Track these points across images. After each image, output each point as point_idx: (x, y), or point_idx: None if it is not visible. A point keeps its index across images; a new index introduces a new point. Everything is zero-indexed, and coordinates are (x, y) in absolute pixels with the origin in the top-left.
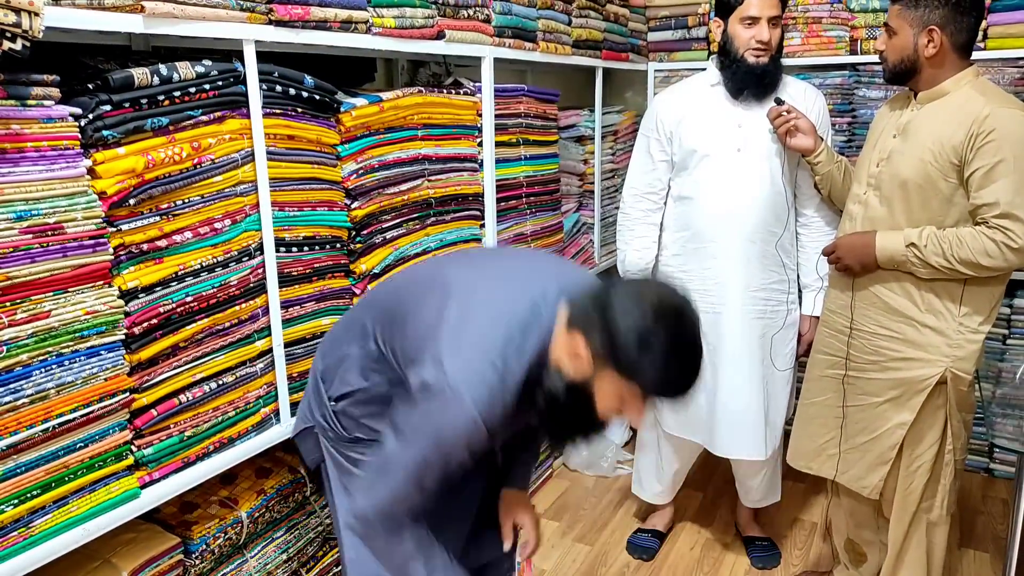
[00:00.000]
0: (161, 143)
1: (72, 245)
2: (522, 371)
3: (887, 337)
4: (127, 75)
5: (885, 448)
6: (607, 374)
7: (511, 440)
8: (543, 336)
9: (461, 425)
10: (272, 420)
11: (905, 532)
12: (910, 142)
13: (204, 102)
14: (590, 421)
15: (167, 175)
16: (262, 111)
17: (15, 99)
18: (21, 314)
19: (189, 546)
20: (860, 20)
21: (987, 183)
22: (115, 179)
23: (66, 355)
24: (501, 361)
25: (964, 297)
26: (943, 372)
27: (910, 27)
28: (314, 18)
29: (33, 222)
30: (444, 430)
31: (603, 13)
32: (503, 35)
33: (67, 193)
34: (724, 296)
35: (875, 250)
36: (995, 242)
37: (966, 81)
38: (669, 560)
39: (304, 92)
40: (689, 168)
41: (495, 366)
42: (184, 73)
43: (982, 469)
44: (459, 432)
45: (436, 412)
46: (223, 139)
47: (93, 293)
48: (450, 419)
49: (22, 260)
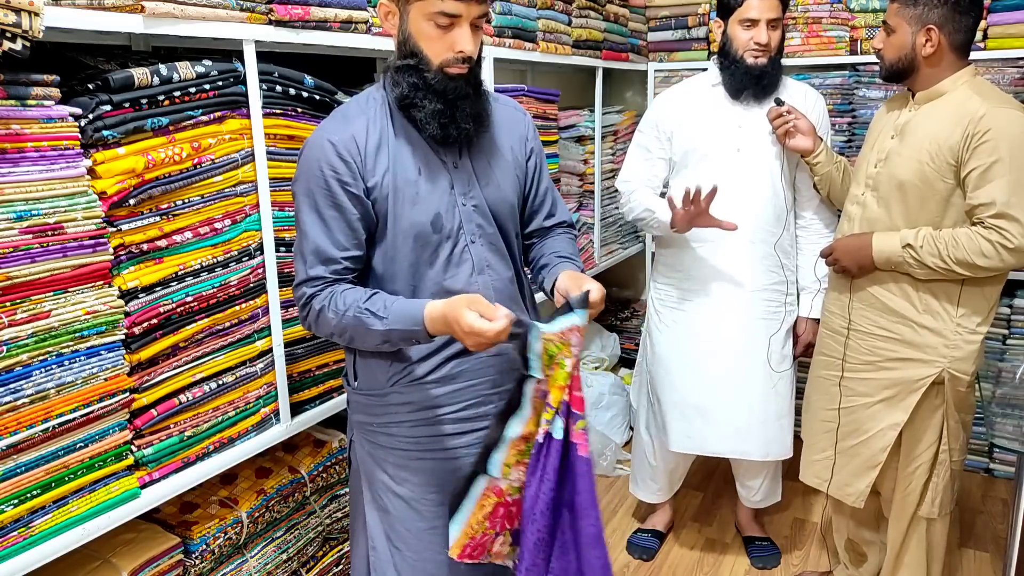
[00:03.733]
0: (161, 143)
1: (72, 245)
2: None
3: (884, 338)
4: (127, 75)
5: (875, 450)
6: (408, 9)
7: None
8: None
9: (308, 146)
10: (272, 420)
11: (904, 532)
12: (907, 143)
13: (204, 102)
14: (435, 74)
15: (167, 175)
16: (262, 111)
17: (15, 99)
18: (21, 314)
19: (189, 546)
20: (860, 20)
21: (983, 183)
22: (115, 179)
23: (66, 355)
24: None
25: (962, 298)
26: (940, 372)
27: (908, 25)
28: (314, 18)
29: (33, 222)
30: (300, 162)
31: (603, 13)
32: (503, 35)
33: (67, 193)
34: (723, 297)
35: (872, 251)
36: (991, 242)
37: (963, 81)
38: (669, 560)
39: (304, 92)
40: (688, 168)
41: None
42: (184, 73)
43: (982, 469)
44: (309, 156)
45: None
46: (223, 139)
47: (93, 293)
48: (304, 150)
49: (22, 260)
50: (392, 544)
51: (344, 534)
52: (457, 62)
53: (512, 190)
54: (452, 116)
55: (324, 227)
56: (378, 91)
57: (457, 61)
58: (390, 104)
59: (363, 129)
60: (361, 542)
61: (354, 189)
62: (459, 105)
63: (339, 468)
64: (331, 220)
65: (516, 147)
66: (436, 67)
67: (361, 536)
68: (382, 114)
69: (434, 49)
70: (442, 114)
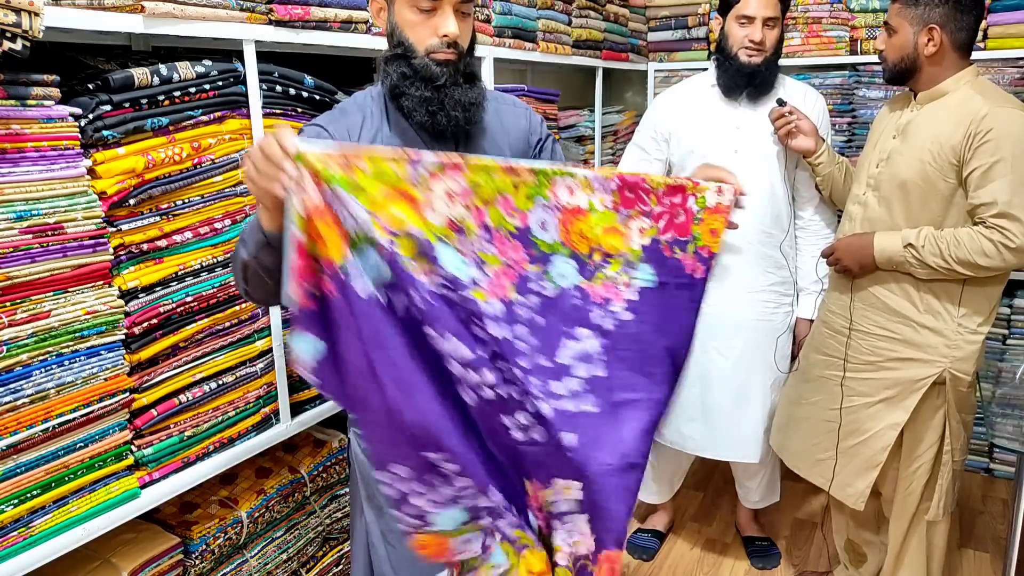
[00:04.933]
0: (161, 143)
1: (72, 245)
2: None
3: (885, 338)
4: (127, 75)
5: (876, 450)
6: (392, 1)
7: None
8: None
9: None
10: (272, 420)
11: (905, 532)
12: (909, 143)
13: (204, 102)
14: (422, 60)
15: (167, 175)
16: (262, 111)
17: (15, 99)
18: (21, 314)
19: (189, 546)
20: (860, 20)
21: (985, 183)
22: (115, 179)
23: (66, 355)
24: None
25: (963, 298)
26: (941, 372)
27: (910, 25)
28: (314, 18)
29: (33, 222)
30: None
31: (603, 13)
32: (503, 35)
33: (67, 193)
34: (721, 298)
35: (873, 251)
36: (992, 242)
37: (965, 81)
38: (669, 560)
39: (304, 92)
40: (686, 170)
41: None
42: (184, 73)
43: (982, 469)
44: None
45: None
46: (223, 139)
47: (93, 293)
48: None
49: (22, 260)
50: (388, 542)
51: (344, 534)
52: (442, 47)
53: None
54: (441, 103)
55: None
56: (376, 88)
57: (442, 46)
58: (386, 99)
59: (358, 124)
60: (360, 541)
61: None
62: (447, 92)
63: (339, 468)
64: None
65: (517, 146)
66: (422, 53)
67: (360, 535)
68: (378, 110)
69: (418, 35)
70: (430, 101)
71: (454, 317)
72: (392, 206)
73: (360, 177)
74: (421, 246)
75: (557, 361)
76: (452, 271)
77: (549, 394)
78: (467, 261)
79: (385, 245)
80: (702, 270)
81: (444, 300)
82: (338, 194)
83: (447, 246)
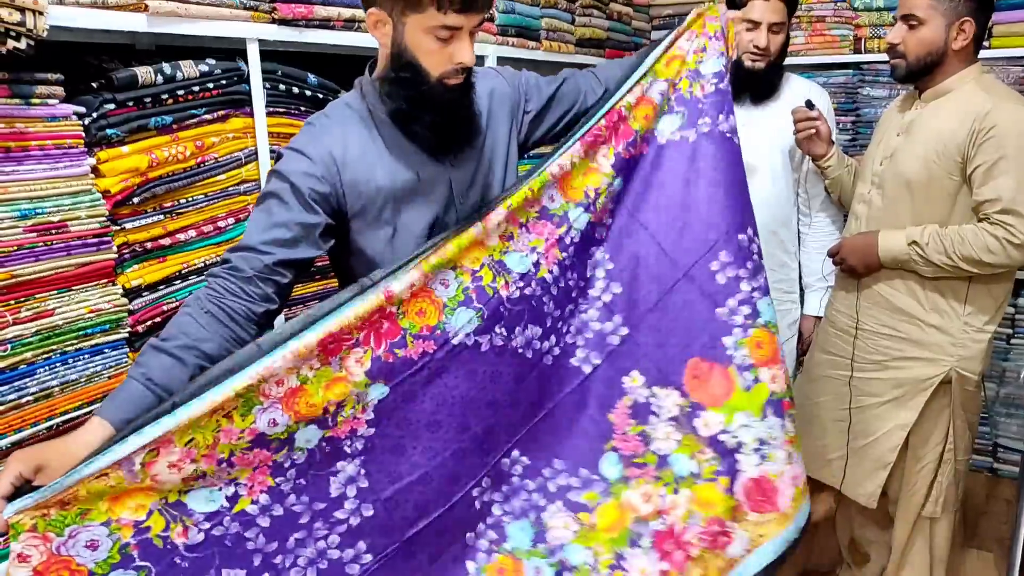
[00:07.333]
0: (165, 142)
1: (76, 243)
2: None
3: (891, 337)
4: (131, 74)
5: (885, 450)
6: (405, 21)
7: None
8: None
9: (284, 158)
10: None
11: (909, 532)
12: (914, 140)
13: (208, 101)
14: (433, 87)
15: (171, 174)
16: (265, 110)
17: (20, 97)
18: (25, 312)
19: None
20: (864, 19)
21: (989, 179)
22: (119, 178)
23: (70, 353)
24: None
25: (969, 296)
26: (947, 372)
27: (943, 17)
28: (318, 17)
29: (37, 220)
30: (270, 172)
31: (607, 12)
32: (506, 34)
33: (71, 192)
34: None
35: (878, 250)
36: (997, 238)
37: (970, 78)
38: None
39: (308, 91)
40: None
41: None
42: (188, 72)
43: (986, 469)
44: (281, 166)
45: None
46: (226, 138)
47: (97, 291)
48: (277, 163)
49: (26, 258)
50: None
51: None
52: (456, 73)
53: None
54: (452, 127)
55: (265, 218)
56: (353, 99)
57: (456, 72)
58: (372, 113)
59: (340, 142)
60: None
61: (317, 199)
62: (457, 113)
63: None
64: (275, 211)
65: (509, 122)
66: (435, 80)
67: None
68: (364, 126)
69: (432, 62)
70: (441, 126)
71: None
72: (128, 501)
73: (83, 503)
74: (169, 513)
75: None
76: (205, 508)
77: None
78: (218, 488)
79: (137, 543)
80: (646, 148)
81: (216, 539)
82: (69, 528)
83: (195, 491)
